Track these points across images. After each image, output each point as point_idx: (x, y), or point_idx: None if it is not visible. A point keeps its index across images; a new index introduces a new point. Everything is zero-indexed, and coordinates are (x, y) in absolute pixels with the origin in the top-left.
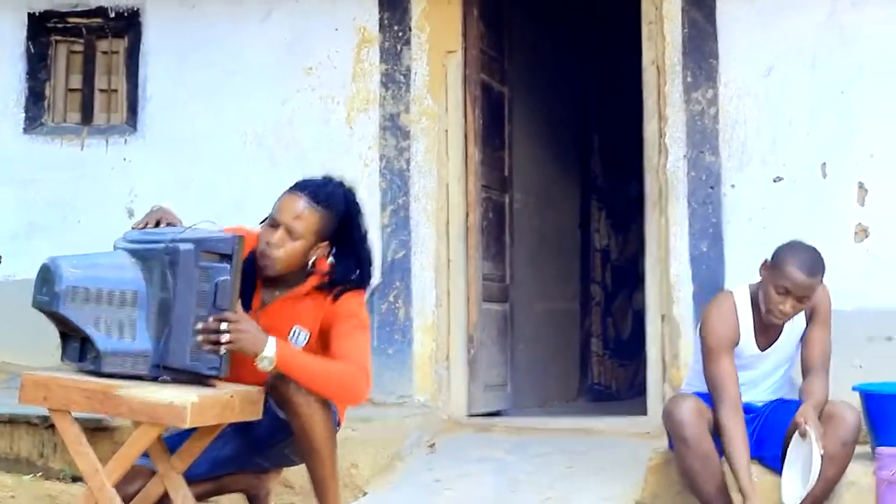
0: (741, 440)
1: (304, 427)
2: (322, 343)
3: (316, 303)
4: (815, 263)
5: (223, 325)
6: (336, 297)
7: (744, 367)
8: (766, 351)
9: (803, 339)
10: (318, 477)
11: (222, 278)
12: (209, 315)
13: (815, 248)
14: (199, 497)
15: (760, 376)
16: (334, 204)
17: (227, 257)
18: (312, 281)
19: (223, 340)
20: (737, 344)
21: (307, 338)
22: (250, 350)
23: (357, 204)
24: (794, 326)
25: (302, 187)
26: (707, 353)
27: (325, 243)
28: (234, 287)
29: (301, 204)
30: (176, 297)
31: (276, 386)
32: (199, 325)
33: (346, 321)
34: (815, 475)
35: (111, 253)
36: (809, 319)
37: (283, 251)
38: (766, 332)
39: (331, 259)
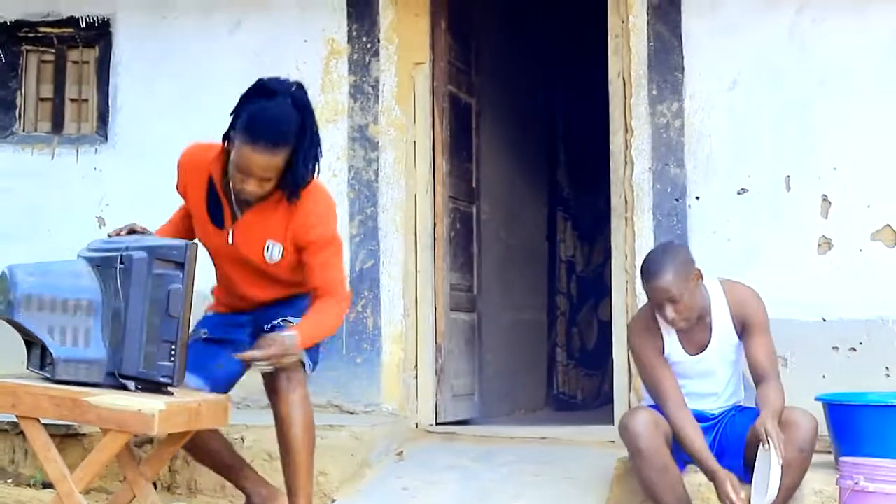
0: (692, 427)
1: (285, 426)
2: (296, 255)
3: (283, 213)
4: (656, 264)
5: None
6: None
7: (683, 377)
8: (699, 356)
9: (746, 351)
10: (293, 473)
11: (175, 286)
12: (161, 322)
13: (663, 247)
14: (216, 467)
15: (703, 388)
16: (291, 133)
17: (180, 265)
18: (276, 193)
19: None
20: (662, 350)
21: (281, 251)
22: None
23: (308, 109)
24: (723, 332)
25: (260, 136)
26: (639, 365)
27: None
28: (186, 294)
29: (266, 157)
30: (129, 305)
31: (271, 381)
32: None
33: (323, 249)
34: (776, 486)
35: (69, 261)
36: (744, 329)
37: (260, 191)
38: (692, 338)
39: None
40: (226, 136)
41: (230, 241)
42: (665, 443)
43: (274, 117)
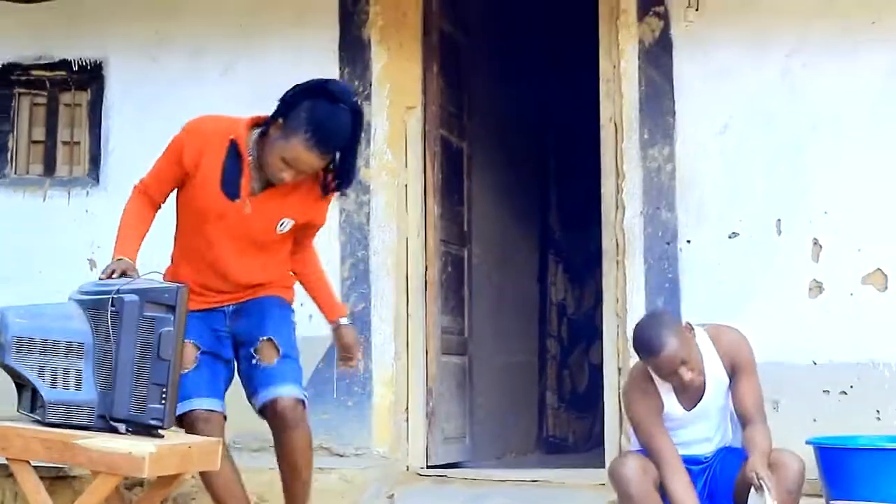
0: (690, 499)
1: (294, 442)
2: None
3: (303, 194)
4: (655, 339)
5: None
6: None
7: (677, 428)
8: (695, 410)
9: (733, 393)
10: (294, 492)
11: (166, 329)
12: (152, 365)
13: (649, 321)
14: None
15: (698, 434)
16: (342, 141)
17: (171, 308)
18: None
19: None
20: (662, 410)
21: (291, 224)
22: None
23: (361, 116)
24: (716, 380)
25: (321, 142)
26: (636, 428)
27: None
28: (177, 337)
29: (318, 160)
30: (119, 348)
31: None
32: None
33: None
34: None
35: (60, 304)
36: (733, 373)
37: (294, 180)
38: (689, 393)
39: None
40: (273, 119)
41: (247, 211)
42: (654, 488)
43: (337, 127)
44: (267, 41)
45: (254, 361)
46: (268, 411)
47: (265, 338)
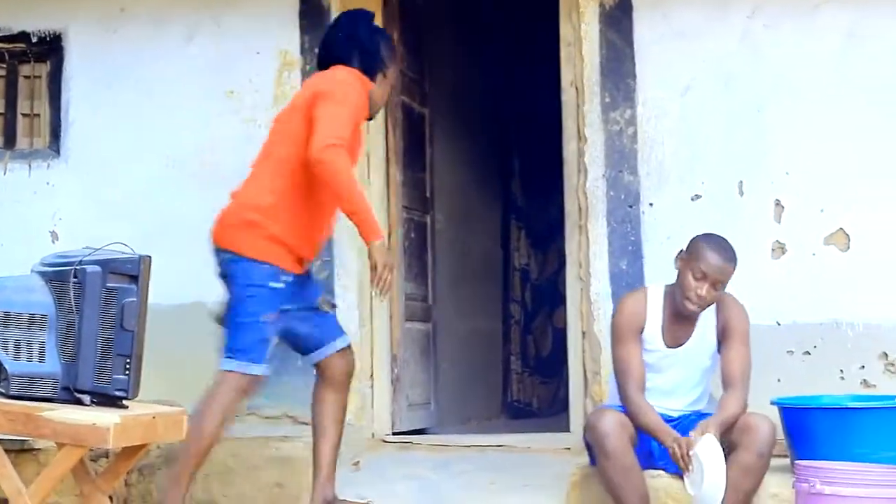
0: (648, 408)
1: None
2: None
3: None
4: (728, 249)
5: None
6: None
7: (653, 369)
8: (675, 350)
9: (722, 356)
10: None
11: (129, 300)
12: (116, 336)
13: (727, 240)
14: None
15: (673, 383)
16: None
17: (134, 278)
18: None
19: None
20: (642, 330)
21: None
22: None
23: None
24: (705, 333)
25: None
26: (613, 337)
27: None
28: (141, 308)
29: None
30: (83, 319)
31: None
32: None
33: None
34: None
35: (22, 276)
36: (724, 335)
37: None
38: (675, 332)
39: None
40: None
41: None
42: (630, 444)
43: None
44: (228, 10)
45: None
46: (331, 362)
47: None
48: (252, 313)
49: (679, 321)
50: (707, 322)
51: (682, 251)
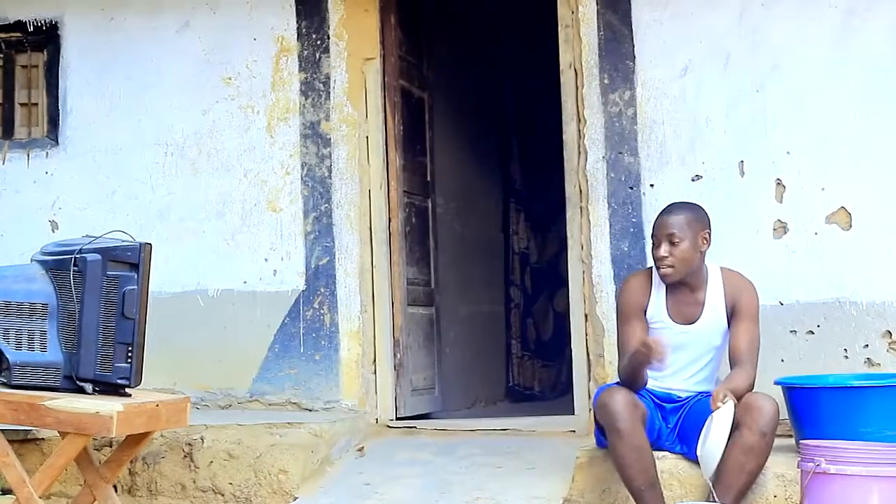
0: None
1: None
2: None
3: None
4: (674, 205)
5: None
6: None
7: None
8: (685, 327)
9: (731, 335)
10: None
11: (130, 287)
12: (117, 324)
13: (688, 201)
14: None
15: (687, 360)
16: None
17: (134, 266)
18: None
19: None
20: (645, 309)
21: None
22: None
23: None
24: (714, 314)
25: None
26: (618, 317)
27: None
28: (142, 295)
29: None
30: (84, 307)
31: None
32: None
33: None
34: (715, 437)
35: (22, 265)
36: (733, 313)
37: None
38: (680, 308)
39: None
40: None
41: None
42: (642, 424)
43: None
44: None
45: None
46: None
47: None
48: None
49: (681, 297)
50: (715, 300)
51: None
